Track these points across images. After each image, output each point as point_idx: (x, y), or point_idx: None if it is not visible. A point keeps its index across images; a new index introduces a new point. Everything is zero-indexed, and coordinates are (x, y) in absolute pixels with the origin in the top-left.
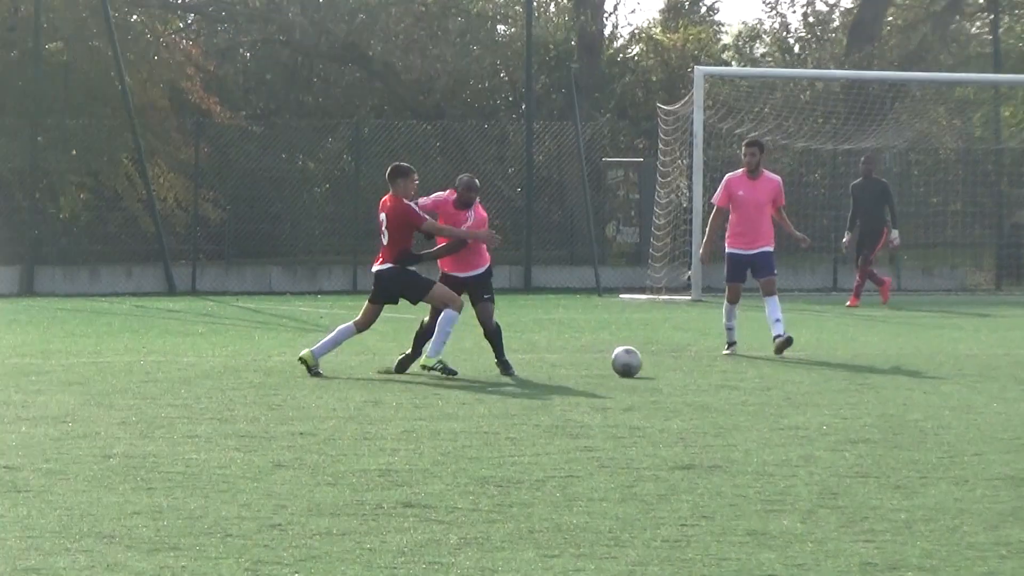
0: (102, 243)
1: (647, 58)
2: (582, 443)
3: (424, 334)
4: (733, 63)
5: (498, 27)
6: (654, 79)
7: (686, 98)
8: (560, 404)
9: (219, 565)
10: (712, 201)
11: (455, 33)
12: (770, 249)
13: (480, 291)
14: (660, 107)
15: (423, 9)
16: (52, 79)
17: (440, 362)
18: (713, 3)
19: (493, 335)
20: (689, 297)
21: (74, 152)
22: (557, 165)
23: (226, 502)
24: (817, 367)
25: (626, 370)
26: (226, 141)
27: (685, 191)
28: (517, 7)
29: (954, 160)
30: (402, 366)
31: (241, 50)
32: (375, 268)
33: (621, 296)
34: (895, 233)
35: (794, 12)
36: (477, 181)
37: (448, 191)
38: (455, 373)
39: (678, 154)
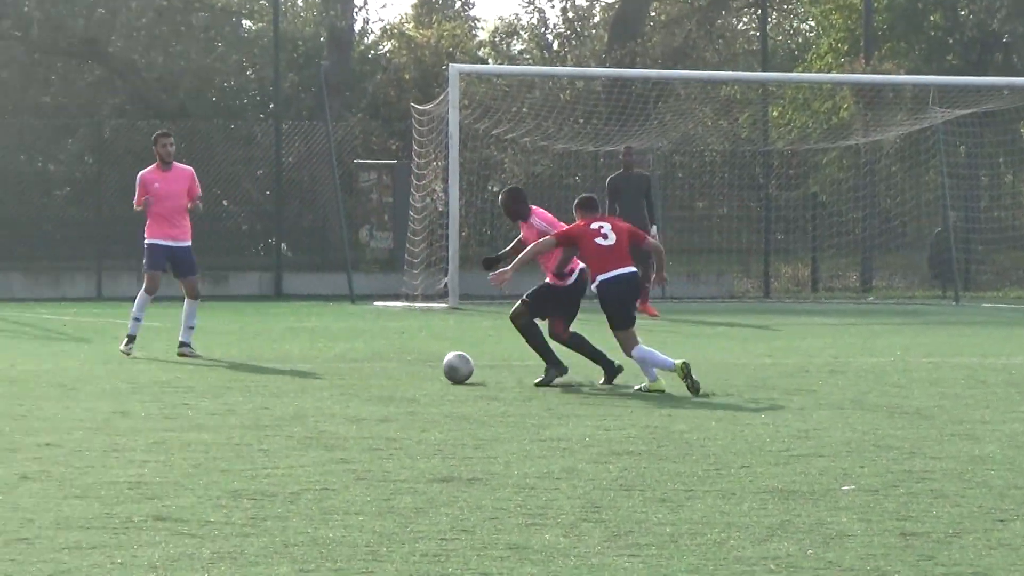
0: None
1: (400, 55)
2: (337, 455)
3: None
4: (490, 60)
5: (244, 23)
6: (407, 77)
7: (441, 97)
8: (314, 415)
9: None
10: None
11: (199, 29)
12: None
13: None
14: (414, 106)
15: (165, 3)
16: None
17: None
18: None
19: None
20: (446, 304)
21: None
22: (308, 167)
23: None
24: (579, 377)
25: (452, 374)
26: None
27: (441, 194)
28: (263, 1)
29: (720, 162)
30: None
31: None
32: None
33: (376, 303)
34: (654, 229)
35: (553, 7)
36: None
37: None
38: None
39: (433, 156)
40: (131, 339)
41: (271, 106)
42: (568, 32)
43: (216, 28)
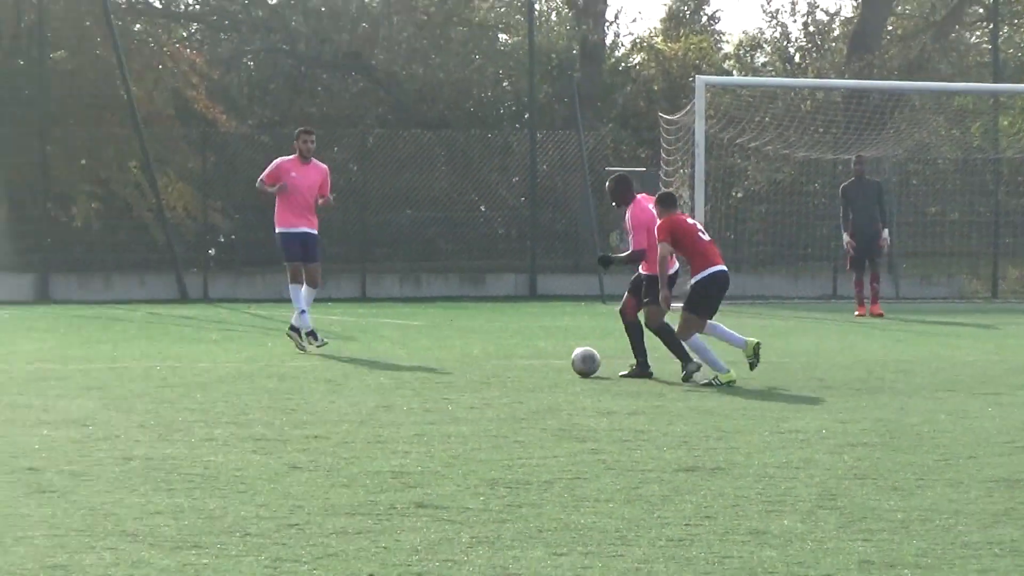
0: (114, 251)
1: (649, 67)
2: (589, 446)
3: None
4: (734, 72)
5: (500, 36)
6: (656, 88)
7: (688, 107)
8: (567, 408)
9: (240, 563)
10: None
11: (457, 42)
12: None
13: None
14: (662, 116)
15: (425, 18)
16: (58, 88)
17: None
18: (714, 12)
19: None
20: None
21: (83, 162)
22: (561, 174)
23: (244, 503)
24: (817, 373)
25: (584, 370)
26: (232, 150)
27: (687, 200)
28: (519, 16)
29: (952, 170)
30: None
31: (245, 59)
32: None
33: None
34: (886, 233)
35: (795, 21)
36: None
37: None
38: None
39: (680, 163)
40: (308, 333)
41: (526, 116)
42: (809, 45)
43: (474, 42)
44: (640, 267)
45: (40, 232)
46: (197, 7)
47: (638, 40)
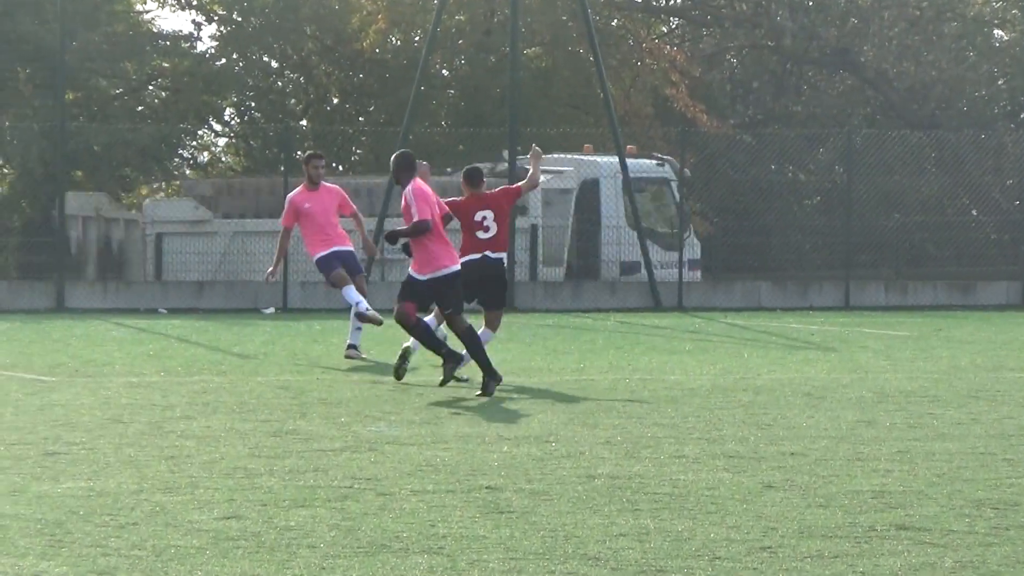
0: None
1: None
2: None
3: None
4: None
5: (995, 32)
6: None
7: None
8: None
9: None
10: None
11: (950, 38)
12: None
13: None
14: None
15: (918, 13)
16: (532, 85)
17: None
18: None
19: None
20: None
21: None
22: None
23: (714, 524)
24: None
25: None
26: (713, 150)
27: None
28: (1015, 11)
29: None
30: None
31: (728, 56)
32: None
33: None
34: None
35: None
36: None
37: None
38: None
39: None
40: (350, 346)
41: (1022, 116)
42: None
43: (967, 37)
44: None
45: None
46: (678, 1)
47: None
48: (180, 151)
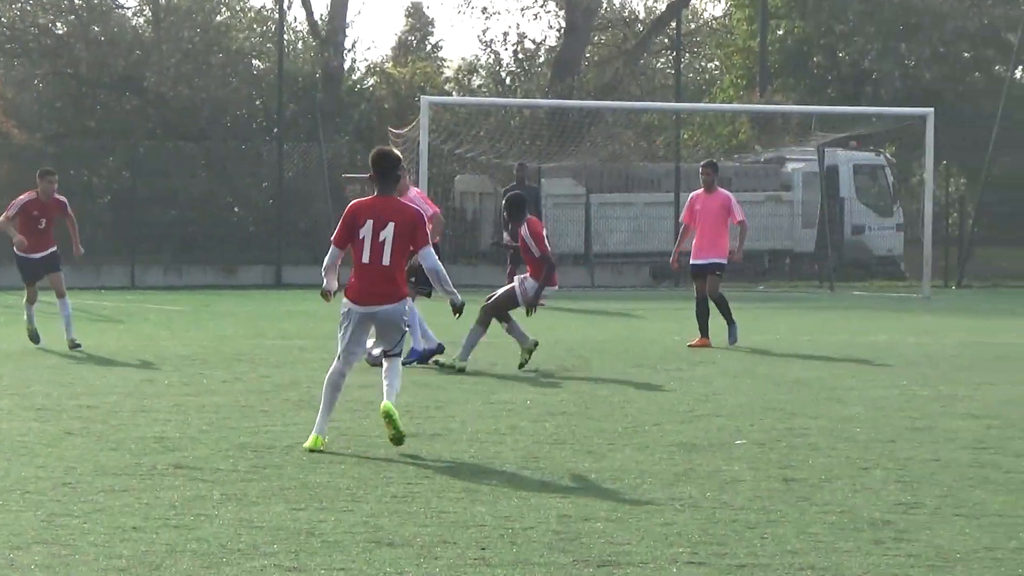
0: None
1: (381, 88)
2: None
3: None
4: (454, 93)
5: (254, 62)
6: (387, 107)
7: (414, 123)
8: (306, 382)
9: (19, 517)
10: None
11: (218, 67)
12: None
13: None
14: (392, 131)
15: (190, 47)
16: None
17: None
18: (437, 42)
19: None
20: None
21: None
22: (304, 180)
23: (25, 464)
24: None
25: None
26: (24, 159)
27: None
28: (269, 45)
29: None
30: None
31: (35, 81)
32: None
33: None
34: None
35: (506, 49)
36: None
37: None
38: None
39: (407, 171)
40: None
41: (275, 130)
42: (518, 70)
43: (231, 66)
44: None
45: None
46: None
47: (372, 65)
48: None
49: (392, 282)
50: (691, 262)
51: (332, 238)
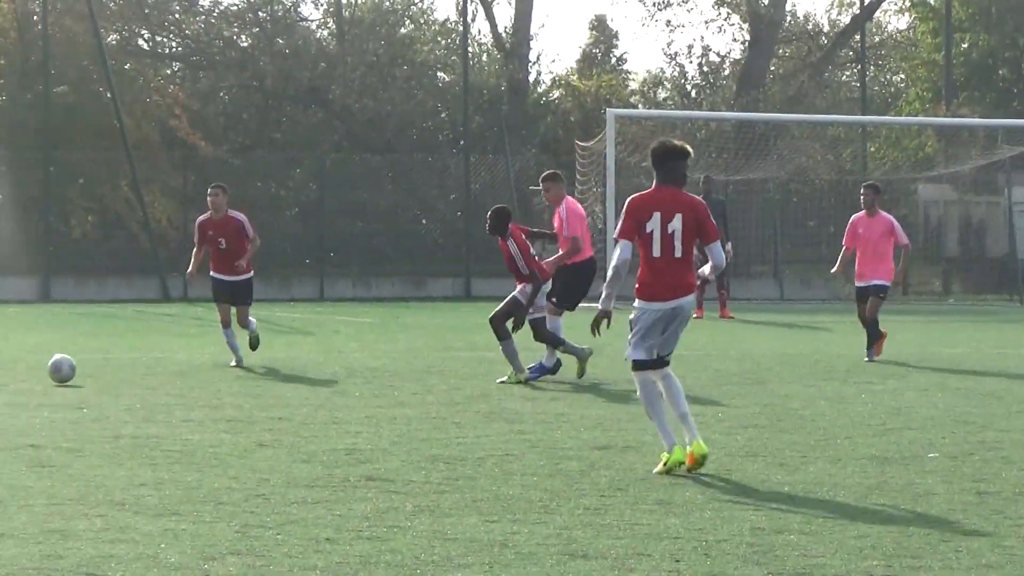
0: (107, 257)
1: (566, 101)
2: (516, 427)
3: None
4: (639, 106)
5: (439, 74)
6: (572, 119)
7: (600, 136)
8: (497, 394)
9: (213, 528)
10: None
11: (402, 80)
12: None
13: None
14: (578, 143)
15: (375, 59)
16: (60, 118)
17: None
18: (622, 54)
19: None
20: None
21: (81, 181)
22: (491, 192)
23: (218, 475)
24: (712, 365)
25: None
26: (210, 171)
27: (600, 215)
28: (454, 57)
29: (827, 189)
30: None
31: (221, 93)
32: None
33: None
34: (728, 246)
35: (691, 62)
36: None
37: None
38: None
39: (593, 183)
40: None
41: (461, 143)
42: (703, 83)
43: (416, 79)
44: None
45: (42, 241)
46: (178, 49)
47: (557, 78)
48: None
49: (688, 275)
50: (856, 284)
51: (615, 235)
